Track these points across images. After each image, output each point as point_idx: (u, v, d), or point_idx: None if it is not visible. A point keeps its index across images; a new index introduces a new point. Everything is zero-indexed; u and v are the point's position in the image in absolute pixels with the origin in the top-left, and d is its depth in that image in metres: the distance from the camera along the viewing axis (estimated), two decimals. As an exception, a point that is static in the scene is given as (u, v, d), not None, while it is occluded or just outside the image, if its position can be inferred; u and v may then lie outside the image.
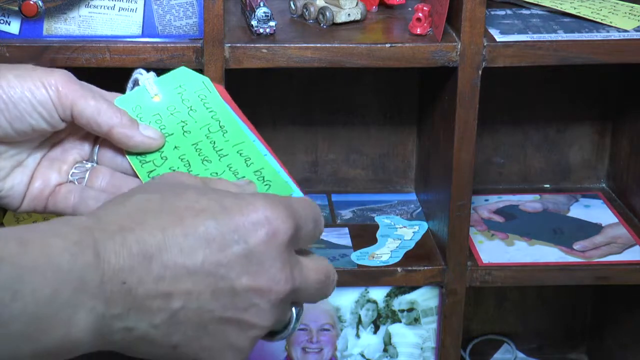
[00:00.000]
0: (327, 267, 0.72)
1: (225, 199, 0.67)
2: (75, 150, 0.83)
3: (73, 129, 0.82)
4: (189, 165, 0.79)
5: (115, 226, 0.63)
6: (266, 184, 0.77)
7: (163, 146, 0.80)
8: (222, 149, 0.80)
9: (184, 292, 0.64)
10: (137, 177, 0.80)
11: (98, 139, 0.83)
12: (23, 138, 0.79)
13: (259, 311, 0.66)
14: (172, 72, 0.84)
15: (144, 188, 0.69)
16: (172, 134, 0.81)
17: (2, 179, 0.80)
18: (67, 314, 0.59)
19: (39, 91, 0.77)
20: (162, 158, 0.80)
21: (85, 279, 0.60)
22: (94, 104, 0.78)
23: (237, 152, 0.79)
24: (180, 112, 0.82)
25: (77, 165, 0.83)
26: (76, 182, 0.82)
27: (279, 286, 0.66)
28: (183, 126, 0.81)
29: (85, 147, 0.83)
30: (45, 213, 0.83)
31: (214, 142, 0.80)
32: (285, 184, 0.77)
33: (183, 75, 0.84)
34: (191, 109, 0.82)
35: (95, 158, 0.83)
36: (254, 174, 0.78)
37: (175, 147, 0.80)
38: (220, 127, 0.81)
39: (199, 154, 0.79)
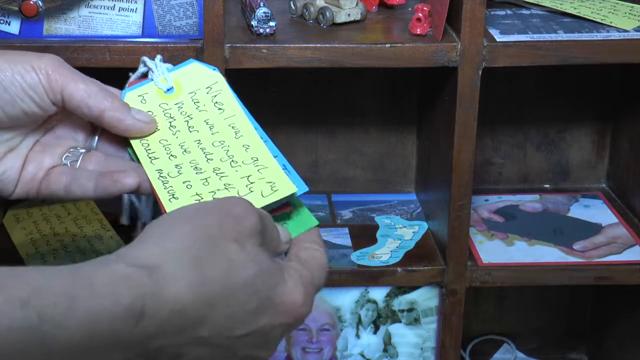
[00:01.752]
0: (324, 268, 0.75)
1: (275, 286, 0.69)
2: (69, 139, 0.83)
3: (65, 116, 0.82)
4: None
5: (170, 295, 0.63)
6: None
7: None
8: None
9: (196, 355, 0.66)
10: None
11: (94, 129, 0.83)
12: (16, 123, 0.79)
13: None
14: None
15: (212, 237, 0.68)
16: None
17: None
18: None
19: (29, 75, 0.77)
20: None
21: (119, 340, 0.61)
22: (83, 87, 0.78)
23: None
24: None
25: (71, 149, 0.83)
26: (69, 165, 0.82)
27: (270, 355, 0.72)
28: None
29: (79, 136, 0.84)
30: (38, 197, 0.83)
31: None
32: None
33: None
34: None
35: (95, 146, 0.83)
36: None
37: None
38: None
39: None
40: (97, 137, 0.84)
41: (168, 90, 0.83)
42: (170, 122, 0.81)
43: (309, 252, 0.75)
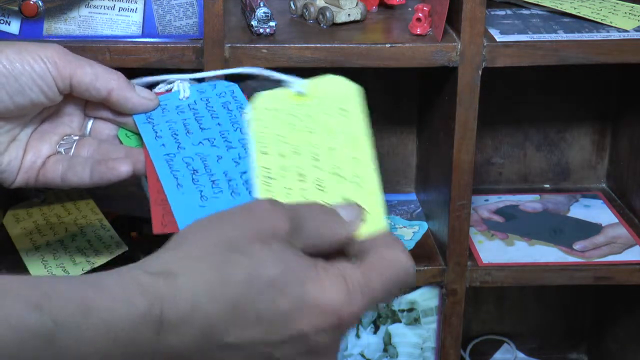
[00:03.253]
0: (396, 270, 0.67)
1: (307, 282, 0.62)
2: (65, 123, 0.85)
3: (61, 103, 0.83)
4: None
5: (188, 301, 0.60)
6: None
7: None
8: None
9: None
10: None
11: (87, 114, 0.84)
12: (21, 112, 0.81)
13: None
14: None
15: (230, 239, 0.63)
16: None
17: (0, 154, 0.81)
18: None
19: (38, 65, 0.78)
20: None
21: (139, 351, 0.59)
22: (90, 70, 0.80)
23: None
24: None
25: (65, 137, 0.84)
26: (63, 152, 0.83)
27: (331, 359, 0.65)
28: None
29: (74, 122, 0.85)
30: (36, 185, 0.84)
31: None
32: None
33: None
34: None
35: (89, 132, 0.85)
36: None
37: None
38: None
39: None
40: (90, 123, 0.85)
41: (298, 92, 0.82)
42: (291, 120, 0.80)
43: (373, 253, 0.67)
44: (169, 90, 0.87)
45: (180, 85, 0.86)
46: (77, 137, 0.84)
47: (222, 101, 0.85)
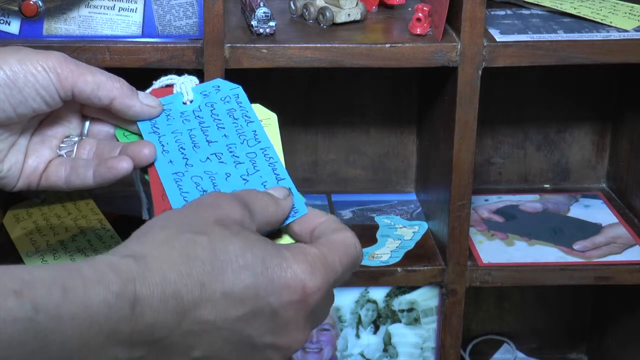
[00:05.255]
0: (347, 247, 0.72)
1: (269, 258, 0.67)
2: (63, 127, 0.84)
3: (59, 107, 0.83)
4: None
5: (158, 277, 0.63)
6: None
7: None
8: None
9: (207, 343, 0.65)
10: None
11: (85, 111, 0.84)
12: (22, 120, 0.81)
13: None
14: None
15: (191, 224, 0.68)
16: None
17: (0, 161, 0.81)
18: None
19: (40, 75, 0.78)
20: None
21: (117, 329, 0.61)
22: (92, 79, 0.79)
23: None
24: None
25: (65, 139, 0.84)
26: (65, 155, 0.83)
27: (297, 345, 0.68)
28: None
29: (72, 123, 0.85)
30: (38, 189, 0.84)
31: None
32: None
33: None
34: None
35: (86, 132, 0.85)
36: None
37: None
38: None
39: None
40: (87, 124, 0.85)
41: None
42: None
43: (327, 234, 0.72)
44: (170, 87, 0.86)
45: (183, 87, 0.85)
46: (76, 139, 0.84)
47: (227, 108, 0.84)
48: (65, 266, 0.62)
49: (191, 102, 0.84)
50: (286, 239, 0.78)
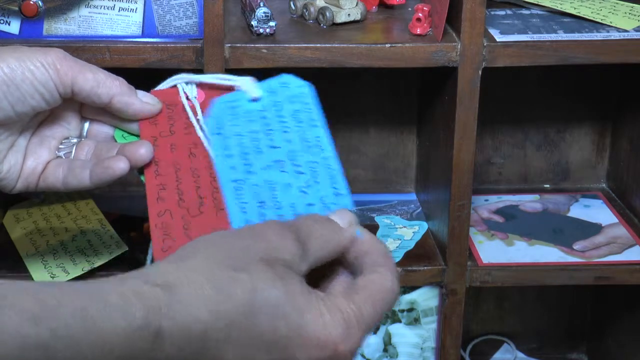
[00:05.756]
0: (385, 294, 0.68)
1: (307, 312, 0.63)
2: (62, 128, 0.84)
3: (58, 106, 0.83)
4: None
5: (185, 314, 0.60)
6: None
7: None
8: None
9: None
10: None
11: (84, 112, 0.84)
12: (21, 119, 0.80)
13: None
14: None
15: (235, 257, 0.63)
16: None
17: (0, 162, 0.81)
18: None
19: (39, 71, 0.78)
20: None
21: (134, 359, 0.59)
22: (92, 77, 0.79)
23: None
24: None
25: (63, 141, 0.84)
26: (63, 157, 0.83)
27: None
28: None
29: (71, 124, 0.84)
30: (36, 190, 0.84)
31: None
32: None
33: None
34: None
35: (85, 134, 0.84)
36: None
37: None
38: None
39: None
40: (86, 125, 0.84)
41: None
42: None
43: (366, 277, 0.68)
44: (174, 87, 0.85)
45: (249, 84, 0.82)
46: (75, 141, 0.84)
47: (294, 109, 0.81)
48: (92, 289, 0.59)
49: (258, 99, 0.82)
50: None
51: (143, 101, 0.81)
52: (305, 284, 0.65)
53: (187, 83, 0.85)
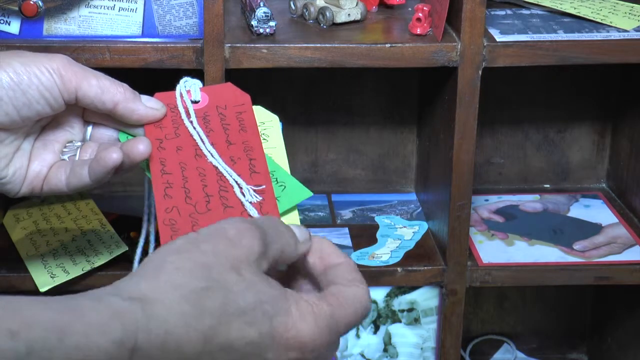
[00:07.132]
0: (357, 305, 0.70)
1: (276, 316, 0.65)
2: (65, 131, 0.84)
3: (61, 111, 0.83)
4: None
5: (162, 329, 0.61)
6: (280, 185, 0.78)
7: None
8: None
9: None
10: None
11: (86, 116, 0.84)
12: (26, 124, 0.80)
13: None
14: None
15: (208, 268, 0.65)
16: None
17: (5, 166, 0.81)
18: None
19: (44, 77, 0.78)
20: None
21: None
22: (96, 83, 0.79)
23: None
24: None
25: (67, 144, 0.84)
26: (67, 159, 0.83)
27: None
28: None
29: (75, 128, 0.84)
30: (41, 194, 0.84)
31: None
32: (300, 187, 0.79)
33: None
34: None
35: (89, 137, 0.84)
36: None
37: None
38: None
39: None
40: (89, 129, 0.84)
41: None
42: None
43: (340, 284, 0.71)
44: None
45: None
46: (79, 144, 0.84)
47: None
48: (70, 305, 0.60)
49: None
50: (294, 217, 0.78)
51: (147, 106, 0.81)
52: (274, 283, 0.67)
53: (190, 86, 0.85)
